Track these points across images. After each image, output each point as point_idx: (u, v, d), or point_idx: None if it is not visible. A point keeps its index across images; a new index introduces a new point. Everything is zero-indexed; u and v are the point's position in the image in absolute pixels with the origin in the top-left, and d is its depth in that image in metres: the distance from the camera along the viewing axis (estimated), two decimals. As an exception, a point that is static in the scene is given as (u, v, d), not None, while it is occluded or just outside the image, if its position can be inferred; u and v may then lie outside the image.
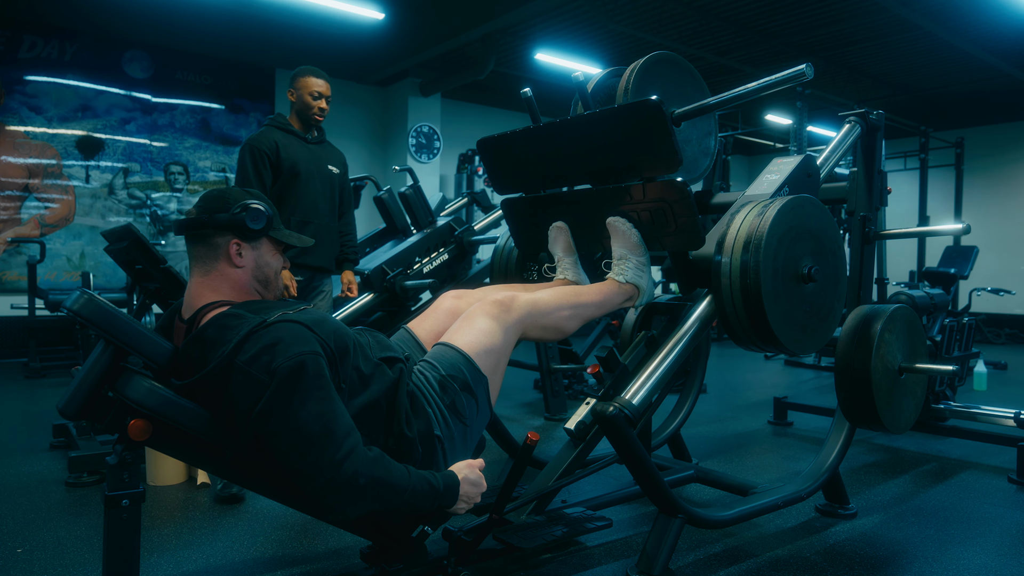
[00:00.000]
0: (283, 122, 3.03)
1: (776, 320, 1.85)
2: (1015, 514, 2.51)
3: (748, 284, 1.82)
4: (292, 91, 3.04)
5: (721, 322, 1.94)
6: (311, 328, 1.43)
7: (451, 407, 1.65)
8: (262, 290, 1.62)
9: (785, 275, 1.88)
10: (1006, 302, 9.02)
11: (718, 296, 1.91)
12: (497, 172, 2.41)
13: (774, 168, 2.20)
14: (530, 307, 1.85)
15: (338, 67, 7.91)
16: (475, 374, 1.70)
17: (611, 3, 6.29)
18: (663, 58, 2.33)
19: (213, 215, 1.53)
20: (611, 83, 2.43)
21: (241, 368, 1.36)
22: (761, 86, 1.91)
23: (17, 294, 6.20)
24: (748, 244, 1.83)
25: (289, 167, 2.90)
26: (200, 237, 1.55)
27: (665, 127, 1.88)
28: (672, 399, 3.13)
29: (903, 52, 7.63)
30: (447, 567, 1.67)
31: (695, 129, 2.50)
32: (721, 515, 2.00)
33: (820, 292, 1.98)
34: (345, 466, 1.34)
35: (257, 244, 1.59)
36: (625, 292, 2.07)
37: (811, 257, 1.95)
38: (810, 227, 1.95)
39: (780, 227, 1.85)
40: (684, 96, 2.38)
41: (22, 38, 6.31)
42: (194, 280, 1.57)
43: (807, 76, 1.82)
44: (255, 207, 1.55)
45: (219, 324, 1.44)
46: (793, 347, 1.93)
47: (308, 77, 3.03)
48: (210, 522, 2.35)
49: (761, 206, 1.91)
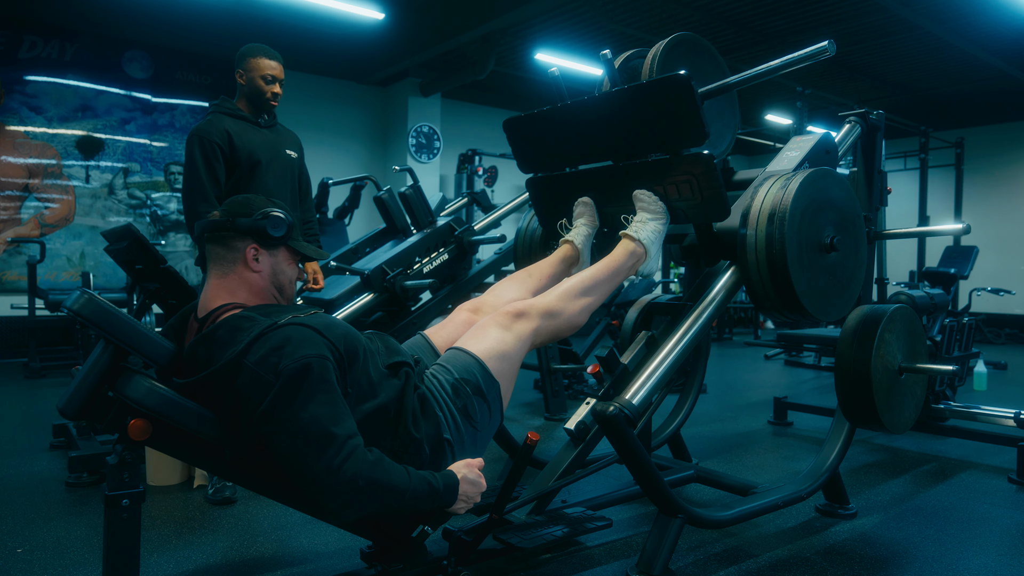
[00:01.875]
0: (230, 107, 2.74)
1: (802, 288, 1.92)
2: (1015, 514, 2.51)
3: (774, 255, 1.89)
4: (241, 73, 2.73)
5: (747, 291, 2.01)
6: (321, 332, 1.45)
7: (463, 410, 1.66)
8: (278, 296, 1.65)
9: (809, 245, 1.95)
10: (1006, 302, 9.02)
11: (744, 267, 1.98)
12: (523, 151, 2.45)
13: (794, 145, 2.28)
14: (543, 316, 1.86)
15: (338, 67, 7.92)
16: (488, 379, 1.71)
17: (611, 3, 6.29)
18: (687, 39, 2.36)
19: (235, 219, 1.57)
20: (634, 64, 2.45)
21: (249, 368, 1.37)
22: (783, 63, 1.92)
23: (17, 294, 6.20)
24: (773, 216, 1.90)
25: (246, 157, 2.66)
26: (220, 239, 1.59)
27: (692, 100, 1.90)
28: (672, 399, 3.12)
29: (903, 52, 7.63)
30: (447, 567, 1.67)
31: (716, 108, 2.52)
32: (721, 515, 2.00)
33: (842, 261, 2.06)
34: (344, 468, 1.34)
35: (275, 252, 1.62)
36: (635, 253, 2.07)
37: (833, 227, 2.03)
38: (831, 198, 2.02)
39: (803, 199, 1.92)
40: (706, 77, 2.40)
41: (22, 38, 6.31)
42: (211, 282, 1.59)
43: (829, 52, 1.83)
44: (276, 215, 1.59)
45: (231, 325, 1.46)
46: (818, 314, 2.00)
47: (260, 58, 2.70)
48: (210, 522, 2.35)
49: (784, 179, 1.97)
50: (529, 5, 5.65)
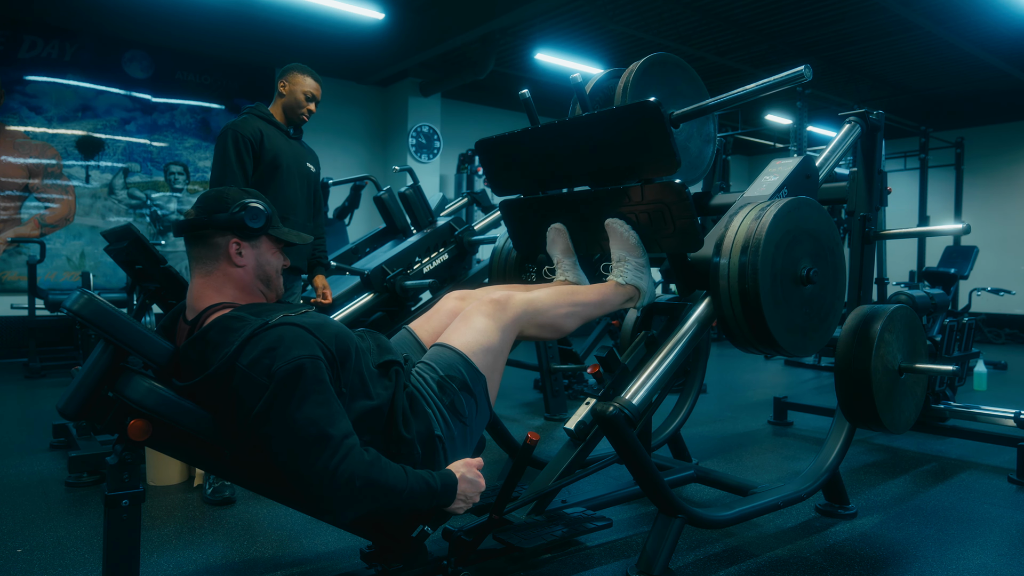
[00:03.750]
0: (265, 112, 2.91)
1: (775, 323, 1.85)
2: (1015, 514, 2.51)
3: (746, 287, 1.82)
4: (284, 84, 2.94)
5: (720, 325, 1.94)
6: (312, 332, 1.43)
7: (450, 407, 1.65)
8: (264, 289, 1.62)
9: (784, 278, 1.88)
10: (1006, 302, 9.02)
11: (716, 298, 1.91)
12: (496, 173, 2.41)
13: (773, 169, 2.20)
14: (527, 305, 1.85)
15: (338, 67, 7.92)
16: (473, 374, 1.70)
17: (611, 3, 6.29)
18: (662, 59, 2.33)
19: (212, 215, 1.53)
20: (610, 84, 2.43)
21: (242, 371, 1.36)
22: (760, 87, 1.91)
23: (17, 294, 6.20)
24: (746, 247, 1.83)
25: (271, 159, 2.78)
26: (200, 238, 1.55)
27: (663, 129, 1.87)
28: (672, 399, 3.12)
29: (903, 52, 7.63)
30: (447, 567, 1.67)
31: (694, 130, 2.50)
32: (721, 515, 2.00)
33: (819, 293, 1.99)
34: (341, 469, 1.34)
35: (257, 243, 1.58)
36: (625, 293, 2.06)
37: (809, 259, 1.95)
38: (808, 228, 1.95)
39: (778, 230, 1.85)
40: (683, 97, 2.38)
41: (22, 38, 6.31)
42: (196, 281, 1.56)
43: (806, 78, 1.82)
44: (254, 206, 1.55)
45: (221, 326, 1.45)
46: (792, 350, 1.94)
47: (305, 76, 2.95)
48: (210, 522, 2.35)
49: (759, 208, 1.90)
50: (529, 5, 5.65)
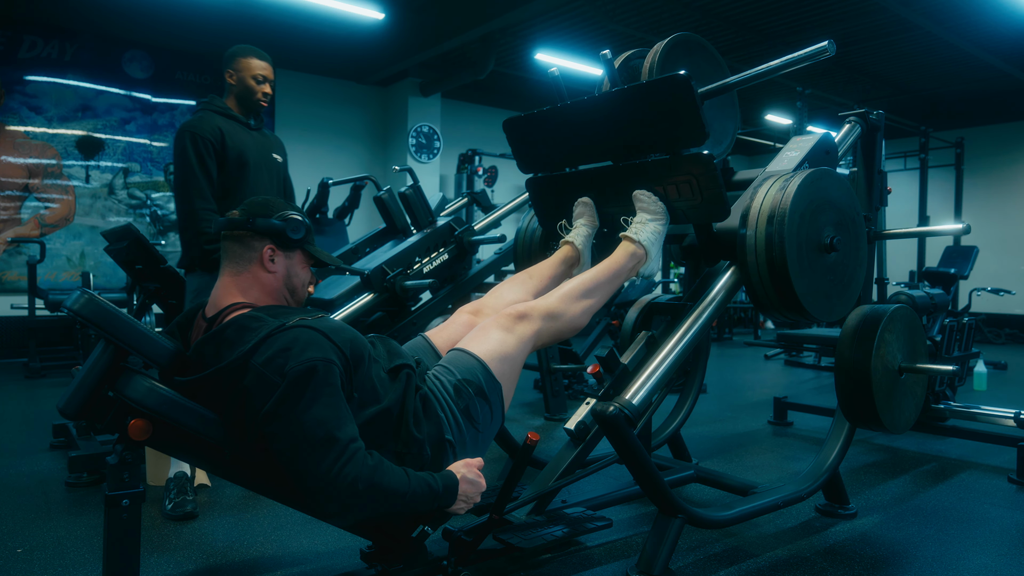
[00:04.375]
0: (221, 106, 2.69)
1: (802, 289, 1.91)
2: (1015, 514, 2.51)
3: (774, 256, 1.88)
4: (231, 73, 2.70)
5: (747, 292, 2.00)
6: (328, 336, 1.45)
7: (465, 411, 1.66)
8: (289, 298, 1.66)
9: (808, 246, 1.95)
10: (1006, 302, 9.02)
11: (743, 268, 1.97)
12: (523, 151, 2.45)
13: (794, 145, 2.27)
14: (544, 317, 1.86)
15: (338, 67, 7.92)
16: (490, 380, 1.71)
17: (611, 3, 6.29)
18: (688, 39, 2.36)
19: (254, 219, 1.59)
20: (635, 64, 2.45)
21: (256, 369, 1.38)
22: (783, 63, 1.92)
23: (17, 294, 6.20)
24: (772, 217, 1.89)
25: (236, 156, 2.61)
26: (238, 238, 1.60)
27: (693, 101, 1.90)
28: (672, 399, 3.12)
29: (903, 52, 7.63)
30: (447, 567, 1.67)
31: (716, 107, 2.51)
32: (721, 515, 2.00)
33: (842, 261, 2.05)
34: (345, 472, 1.35)
35: (291, 254, 1.64)
36: (635, 255, 2.07)
37: (832, 227, 2.02)
38: (830, 198, 2.01)
39: (802, 200, 1.92)
40: (706, 77, 2.39)
41: (22, 38, 6.31)
42: (224, 279, 1.60)
43: (829, 52, 1.82)
44: (295, 218, 1.62)
45: (239, 325, 1.47)
46: (819, 314, 1.99)
47: (250, 58, 2.69)
48: (210, 522, 2.35)
49: (783, 180, 1.96)
50: (529, 5, 5.65)
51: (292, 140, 7.90)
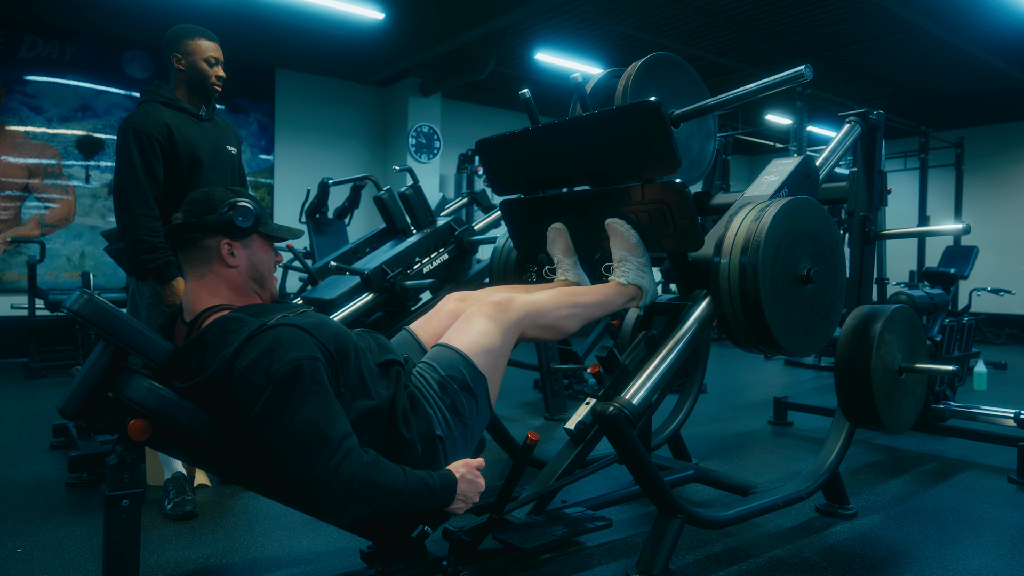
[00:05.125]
0: (169, 96, 2.44)
1: (776, 323, 1.85)
2: (1015, 514, 2.51)
3: (747, 287, 1.82)
4: (179, 57, 2.46)
5: (720, 324, 1.94)
6: (310, 332, 1.43)
7: (451, 407, 1.66)
8: (258, 289, 1.61)
9: (784, 277, 1.88)
10: (1006, 302, 9.02)
11: (717, 298, 1.91)
12: (496, 173, 2.41)
13: (773, 169, 2.21)
14: (528, 307, 1.85)
15: (338, 67, 7.93)
16: (474, 374, 1.70)
17: (611, 3, 6.29)
18: (662, 59, 2.33)
19: (201, 217, 1.53)
20: (610, 84, 2.43)
21: (241, 372, 1.36)
22: (760, 87, 1.91)
23: (17, 294, 6.20)
24: (747, 247, 1.83)
25: (188, 153, 2.39)
26: (190, 242, 1.55)
27: (664, 128, 1.88)
28: (672, 399, 3.12)
29: (903, 52, 7.63)
30: (447, 567, 1.67)
31: (695, 128, 2.50)
32: (721, 515, 2.00)
33: (820, 292, 1.99)
34: (340, 471, 1.34)
35: (248, 242, 1.58)
36: (627, 293, 2.06)
37: (809, 258, 1.95)
38: (808, 228, 1.95)
39: (777, 231, 1.85)
40: (683, 96, 2.38)
41: (22, 38, 6.31)
42: (190, 285, 1.56)
43: (806, 78, 1.82)
44: (242, 205, 1.54)
45: (220, 328, 1.45)
46: (793, 350, 1.94)
47: (199, 40, 2.48)
48: (210, 522, 2.35)
49: (759, 208, 1.90)
50: (529, 5, 5.66)
51: (292, 140, 7.91)
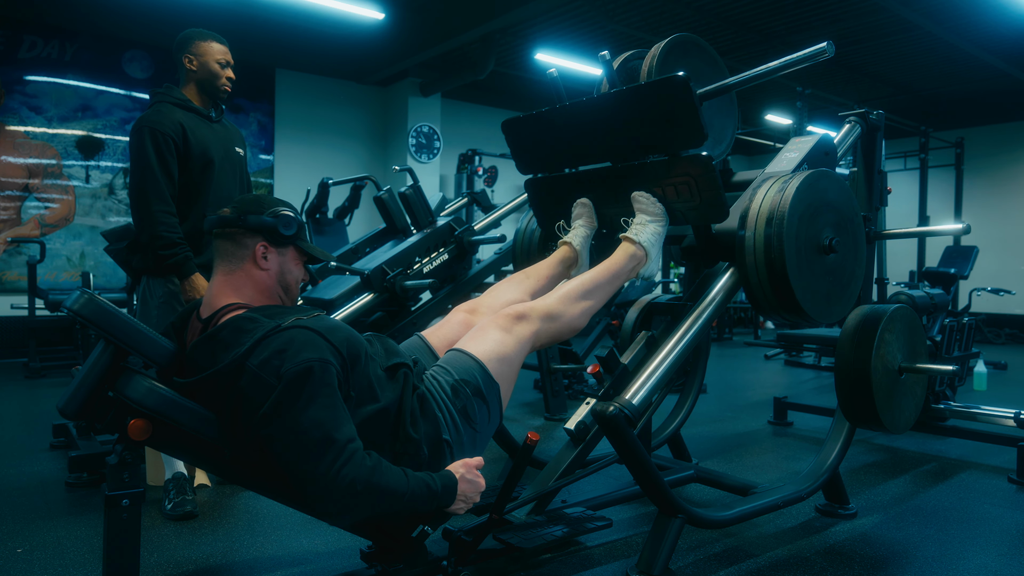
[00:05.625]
0: (180, 97, 2.49)
1: (801, 291, 1.91)
2: (1015, 514, 2.51)
3: (772, 257, 1.89)
4: (190, 58, 2.51)
5: (746, 294, 2.00)
6: (324, 335, 1.45)
7: (462, 412, 1.66)
8: (283, 296, 1.65)
9: (807, 247, 1.95)
10: (1006, 302, 9.02)
11: (742, 269, 1.97)
12: (521, 152, 2.45)
13: (793, 146, 2.27)
14: (543, 318, 1.86)
15: (338, 67, 7.92)
16: (488, 381, 1.71)
17: (611, 3, 6.29)
18: (686, 39, 2.36)
19: (246, 216, 1.58)
20: (633, 64, 2.44)
21: (252, 371, 1.38)
22: (782, 64, 1.92)
23: (17, 294, 6.20)
24: (771, 219, 1.90)
25: (200, 154, 2.44)
26: (229, 236, 1.59)
27: (691, 102, 1.90)
28: (672, 399, 3.12)
29: (903, 52, 7.63)
30: (447, 567, 1.67)
31: (716, 108, 2.51)
32: (721, 515, 2.00)
33: (841, 262, 2.05)
34: (343, 473, 1.34)
35: (284, 251, 1.63)
36: (635, 256, 2.06)
37: (831, 229, 2.02)
38: (829, 200, 2.02)
39: (801, 202, 1.92)
40: (705, 77, 2.39)
41: (22, 38, 6.31)
42: (217, 278, 1.59)
43: (828, 54, 1.83)
44: (286, 214, 1.61)
45: (234, 326, 1.46)
46: (818, 316, 1.99)
47: (210, 42, 2.53)
48: (210, 522, 2.35)
49: (782, 181, 1.97)
50: (529, 5, 5.65)
51: (292, 140, 7.91)
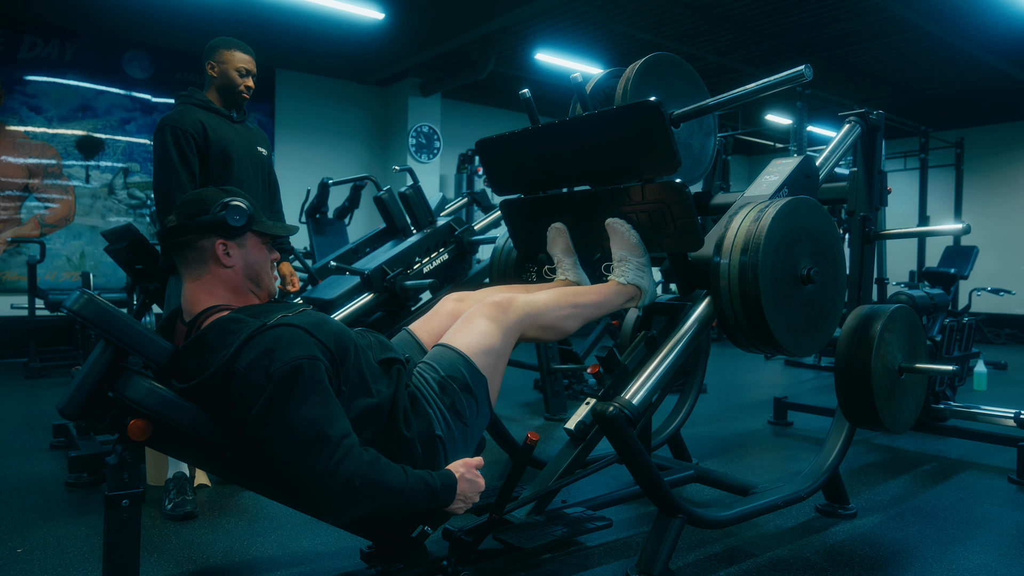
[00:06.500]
0: (202, 99, 2.63)
1: (776, 323, 1.85)
2: (1015, 514, 2.51)
3: (747, 287, 1.83)
4: (213, 64, 2.62)
5: (720, 324, 1.94)
6: (310, 331, 1.43)
7: (451, 407, 1.66)
8: (255, 288, 1.61)
9: (784, 277, 1.88)
10: (1006, 302, 9.02)
11: (717, 298, 1.91)
12: (496, 173, 2.41)
13: (773, 169, 2.21)
14: (528, 308, 1.85)
15: (338, 67, 7.92)
16: (474, 374, 1.70)
17: (611, 3, 6.29)
18: (662, 59, 2.33)
19: (194, 219, 1.53)
20: (610, 84, 2.43)
21: (241, 373, 1.37)
22: (760, 87, 1.91)
23: (17, 294, 6.20)
24: (747, 247, 1.83)
25: (219, 151, 2.54)
26: (184, 244, 1.54)
27: (664, 128, 1.88)
28: (672, 399, 3.12)
29: (903, 52, 7.63)
30: (447, 567, 1.67)
31: (695, 127, 2.50)
32: (721, 515, 2.00)
33: (819, 292, 1.99)
34: (340, 470, 1.34)
35: (243, 240, 1.58)
36: (627, 293, 2.06)
37: (809, 258, 1.95)
38: (807, 228, 1.95)
39: (777, 231, 1.86)
40: (683, 96, 2.38)
41: (22, 38, 6.31)
42: (187, 286, 1.56)
43: (806, 78, 1.82)
44: (235, 204, 1.54)
45: (219, 329, 1.45)
46: (793, 350, 1.94)
47: (234, 51, 2.62)
48: (210, 522, 2.35)
49: (758, 209, 1.91)
50: (529, 5, 5.65)
51: (292, 140, 7.91)
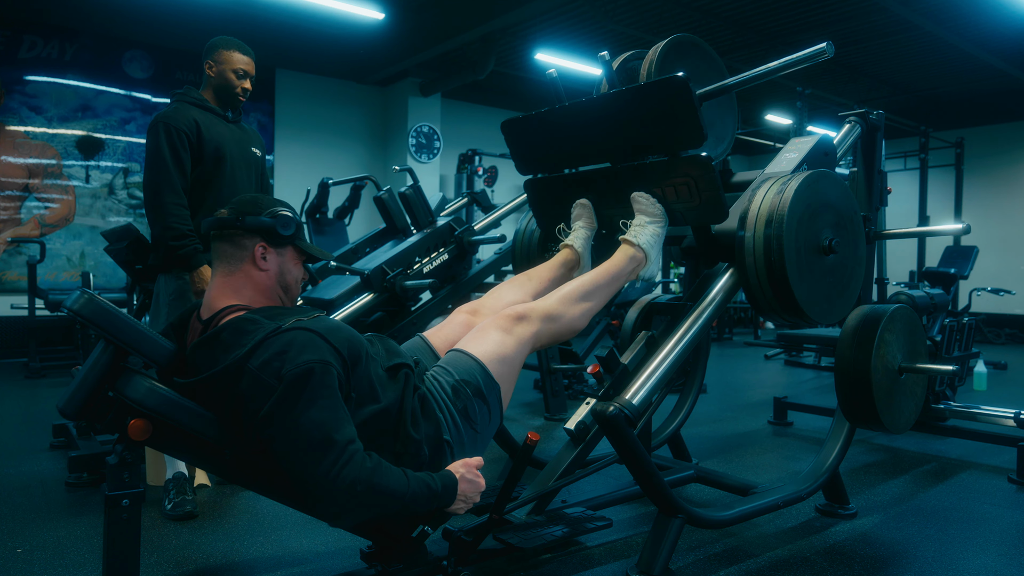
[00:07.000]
0: (198, 97, 2.61)
1: (801, 292, 1.91)
2: (1015, 514, 2.51)
3: (772, 259, 1.89)
4: (211, 64, 2.61)
5: (746, 295, 2.00)
6: (325, 336, 1.45)
7: (463, 412, 1.66)
8: (283, 296, 1.65)
9: (807, 248, 1.95)
10: (1006, 302, 9.02)
11: (742, 270, 1.97)
12: (521, 152, 2.45)
13: (792, 147, 2.27)
14: (543, 319, 1.86)
15: (338, 67, 7.92)
16: (488, 381, 1.72)
17: (611, 3, 6.29)
18: (684, 40, 2.36)
19: (244, 217, 1.57)
20: (632, 65, 2.45)
21: (252, 373, 1.38)
22: (782, 65, 1.92)
23: (17, 294, 6.20)
24: (770, 220, 1.90)
25: (213, 150, 2.53)
26: (228, 237, 1.59)
27: (691, 103, 1.90)
28: (672, 399, 3.12)
29: (903, 52, 7.62)
30: (447, 567, 1.67)
31: (716, 108, 2.51)
32: (721, 515, 2.00)
33: (841, 262, 2.05)
34: (344, 474, 1.34)
35: (283, 251, 1.62)
36: (635, 258, 2.07)
37: (831, 229, 2.02)
38: (828, 200, 2.02)
39: (800, 203, 1.92)
40: (705, 76, 2.40)
41: (22, 38, 6.31)
42: (216, 280, 1.59)
43: (828, 54, 1.83)
44: (285, 214, 1.61)
45: (235, 328, 1.46)
46: (818, 317, 1.99)
47: (233, 52, 2.60)
48: (210, 522, 2.35)
49: (781, 182, 1.96)
50: (529, 5, 5.65)
51: (292, 140, 7.91)
